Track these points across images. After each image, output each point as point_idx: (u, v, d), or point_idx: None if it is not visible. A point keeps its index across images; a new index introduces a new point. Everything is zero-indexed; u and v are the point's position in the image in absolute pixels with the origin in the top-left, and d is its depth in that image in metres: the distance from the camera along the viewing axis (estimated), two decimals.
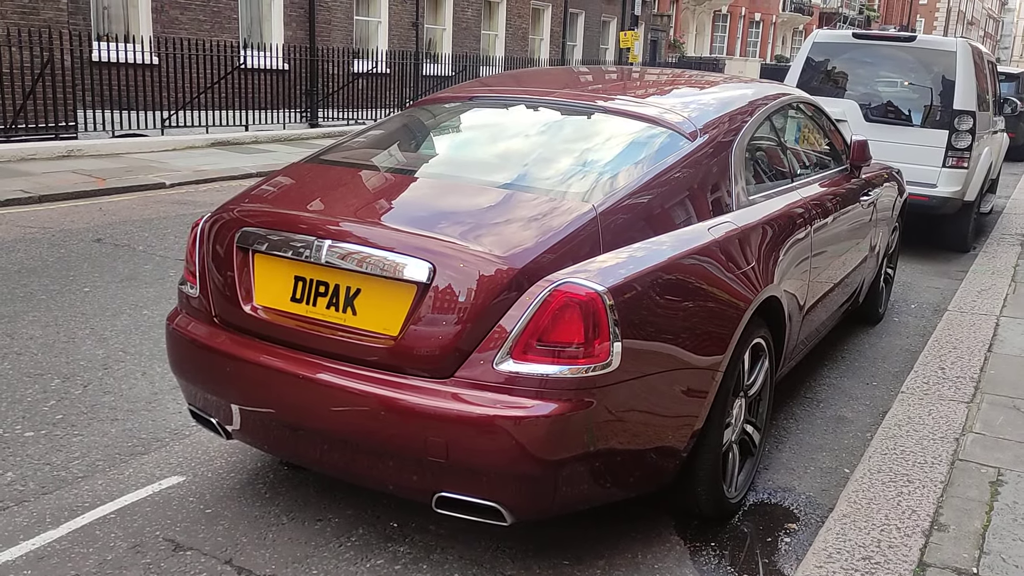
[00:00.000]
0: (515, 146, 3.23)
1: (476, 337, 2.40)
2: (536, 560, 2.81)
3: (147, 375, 4.16)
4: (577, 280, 2.40)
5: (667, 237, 2.78)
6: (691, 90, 3.82)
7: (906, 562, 2.70)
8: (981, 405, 3.99)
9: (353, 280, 2.54)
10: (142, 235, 7.11)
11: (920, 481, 3.23)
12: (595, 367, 2.38)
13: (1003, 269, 6.87)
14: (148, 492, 3.09)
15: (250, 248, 2.72)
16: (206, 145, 12.76)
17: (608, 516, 3.05)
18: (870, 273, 5.08)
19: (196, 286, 2.88)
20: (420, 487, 2.50)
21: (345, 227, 2.60)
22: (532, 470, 2.39)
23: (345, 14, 18.52)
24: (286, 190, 3.00)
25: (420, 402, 2.40)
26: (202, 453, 3.41)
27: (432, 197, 2.87)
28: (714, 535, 3.03)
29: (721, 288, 2.85)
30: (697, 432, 2.81)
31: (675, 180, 2.96)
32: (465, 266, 2.42)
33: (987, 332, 5.12)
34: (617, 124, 3.23)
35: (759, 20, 47.47)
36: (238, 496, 3.11)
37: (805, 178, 3.97)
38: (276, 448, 2.83)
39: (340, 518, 3.00)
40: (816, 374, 4.68)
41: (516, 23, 24.98)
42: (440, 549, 2.84)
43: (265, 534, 2.88)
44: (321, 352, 2.57)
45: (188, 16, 14.77)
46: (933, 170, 7.43)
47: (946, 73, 7.45)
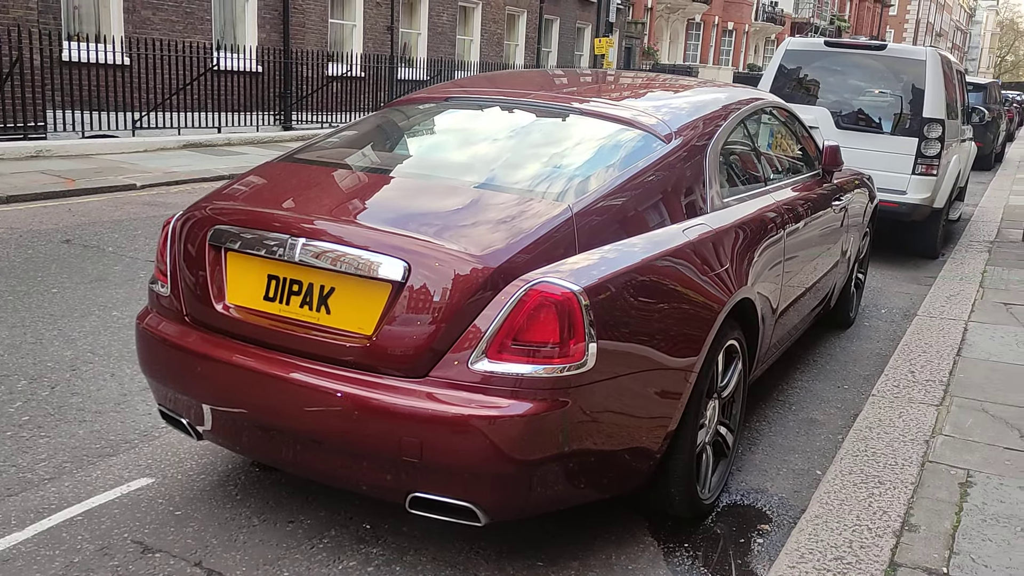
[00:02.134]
0: (490, 147, 3.23)
1: (451, 336, 2.39)
2: (510, 561, 2.80)
3: (116, 376, 4.10)
4: (552, 280, 2.39)
5: (642, 238, 2.79)
6: (666, 93, 3.84)
7: (877, 562, 2.72)
8: (950, 408, 4.03)
9: (327, 279, 2.52)
10: (112, 236, 7.02)
11: (891, 482, 3.26)
12: (570, 367, 2.38)
13: (971, 275, 6.96)
14: (116, 494, 3.04)
15: (222, 246, 2.69)
16: (178, 147, 12.64)
17: (582, 517, 3.05)
18: (841, 278, 5.13)
19: (167, 285, 2.85)
20: (394, 487, 2.48)
21: (319, 225, 2.58)
22: (507, 470, 2.38)
23: (319, 17, 18.43)
24: (259, 188, 2.97)
25: (394, 402, 2.38)
26: (172, 455, 3.36)
27: (407, 196, 2.85)
28: (688, 536, 3.04)
29: (695, 290, 2.86)
30: (671, 433, 2.82)
31: (650, 182, 2.97)
32: (440, 265, 2.41)
33: (956, 336, 5.19)
34: (592, 126, 3.24)
35: (732, 29, 47.91)
36: (208, 498, 3.07)
37: (778, 182, 4.00)
38: (248, 449, 2.79)
39: (312, 520, 2.97)
40: (788, 377, 4.71)
41: (491, 28, 25.02)
42: (414, 551, 2.82)
43: (236, 536, 2.84)
44: (294, 351, 2.54)
45: (160, 17, 14.63)
46: (903, 177, 7.52)
47: (916, 81, 7.56)
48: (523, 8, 26.52)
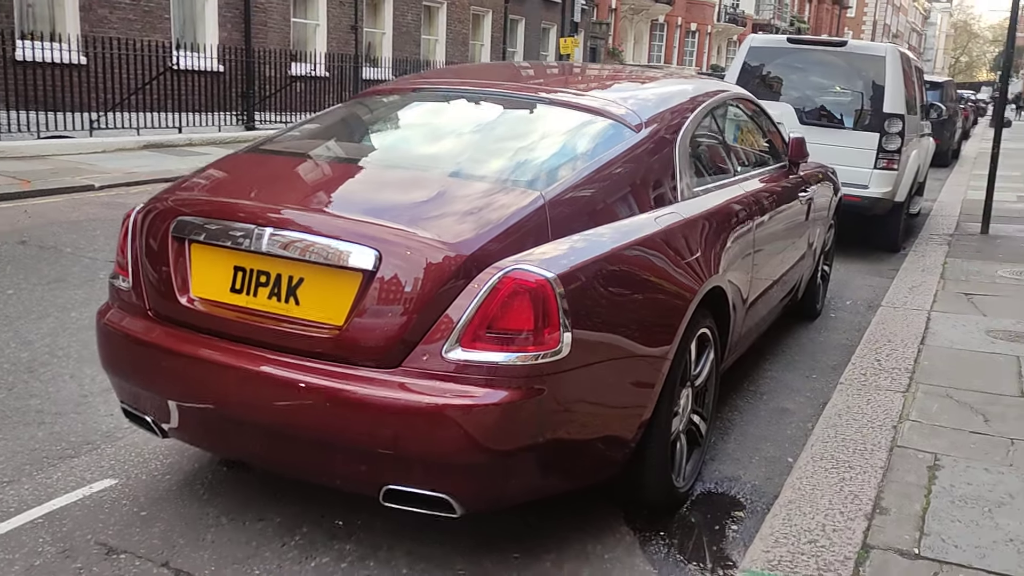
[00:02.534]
0: (460, 137, 3.20)
1: (424, 325, 2.35)
2: (486, 554, 2.77)
3: (75, 378, 3.99)
4: (526, 267, 2.37)
5: (614, 227, 2.77)
6: (633, 84, 3.83)
7: (850, 544, 2.73)
8: (916, 394, 4.08)
9: (296, 269, 2.47)
10: (70, 237, 6.86)
11: (861, 467, 3.28)
12: (545, 354, 2.35)
13: (932, 267, 7.06)
14: (78, 496, 2.96)
15: (186, 238, 2.63)
16: (137, 147, 12.42)
17: (558, 509, 3.03)
18: (808, 269, 5.17)
19: (128, 279, 2.77)
20: (368, 480, 2.44)
21: (287, 215, 2.53)
22: (482, 460, 2.35)
23: (282, 16, 18.24)
24: (223, 179, 2.91)
25: (367, 393, 2.34)
26: (135, 455, 3.29)
27: (377, 185, 2.81)
28: (663, 525, 3.03)
29: (668, 278, 2.86)
30: (645, 422, 2.81)
31: (622, 171, 2.96)
32: (412, 253, 2.37)
33: (919, 326, 5.25)
34: (563, 115, 3.22)
35: (695, 30, 48.31)
36: (175, 498, 3.00)
37: (746, 173, 4.02)
38: (216, 445, 2.73)
39: (282, 517, 2.91)
40: (758, 368, 4.74)
41: (456, 28, 24.96)
42: (387, 546, 2.78)
43: (204, 535, 2.78)
44: (263, 344, 2.49)
45: (117, 15, 14.36)
46: (865, 171, 7.61)
47: (876, 77, 7.65)
48: (488, 8, 26.49)
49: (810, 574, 2.58)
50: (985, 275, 6.74)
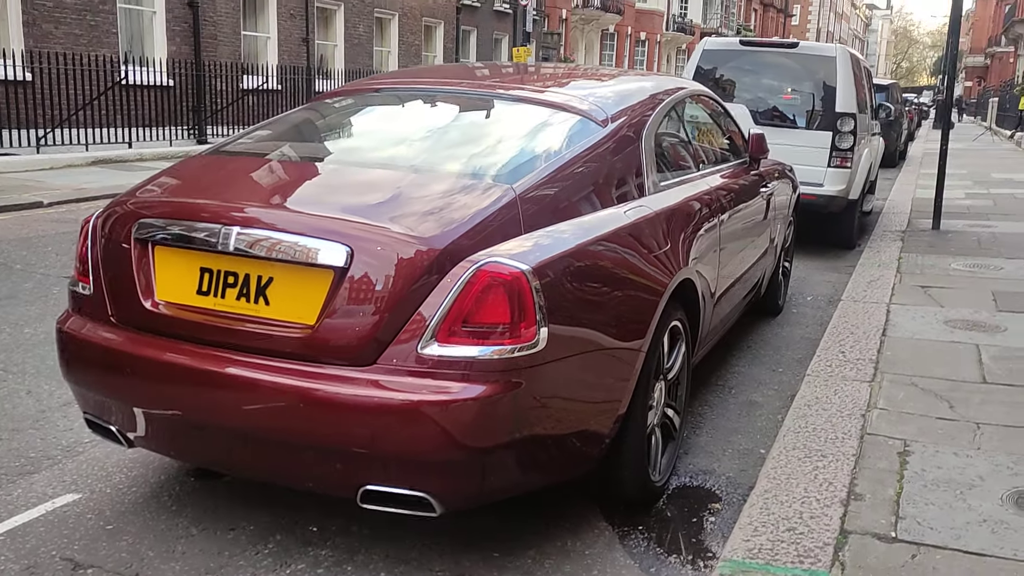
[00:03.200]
0: (427, 133, 3.17)
1: (398, 321, 2.32)
2: (465, 554, 2.73)
3: (32, 393, 3.87)
4: (501, 260, 2.34)
5: (586, 219, 2.76)
6: (594, 82, 3.84)
7: (828, 530, 2.74)
8: (882, 384, 4.13)
9: (264, 268, 2.42)
10: (19, 254, 6.68)
11: (833, 455, 3.30)
12: (522, 347, 2.33)
13: (888, 262, 7.19)
14: (41, 511, 2.85)
15: (149, 241, 2.56)
16: (87, 163, 12.17)
17: (535, 506, 3.00)
18: (771, 265, 5.23)
19: (89, 285, 2.69)
20: (344, 482, 2.38)
21: (253, 213, 2.47)
22: (461, 456, 2.31)
23: (232, 29, 18.04)
24: (185, 181, 2.84)
25: (342, 391, 2.29)
26: (99, 469, 3.18)
27: (345, 183, 2.77)
28: (641, 519, 3.02)
29: (641, 270, 2.85)
30: (621, 416, 2.80)
31: (590, 165, 2.95)
32: (385, 248, 2.33)
33: (880, 318, 5.34)
34: (528, 111, 3.21)
35: (644, 39, 48.88)
36: (141, 510, 2.91)
37: (709, 168, 4.05)
38: (184, 452, 2.66)
39: (255, 525, 2.84)
40: (725, 363, 4.76)
41: (409, 39, 24.92)
42: (364, 550, 2.73)
43: (173, 547, 2.69)
44: (232, 346, 2.43)
45: (63, 30, 14.07)
46: (819, 170, 7.73)
47: (828, 78, 7.79)
48: (440, 19, 26.51)
49: (790, 561, 2.58)
50: (939, 268, 6.88)
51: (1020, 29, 40.79)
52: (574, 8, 39.95)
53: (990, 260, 7.22)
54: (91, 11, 14.55)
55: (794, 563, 2.57)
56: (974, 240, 8.20)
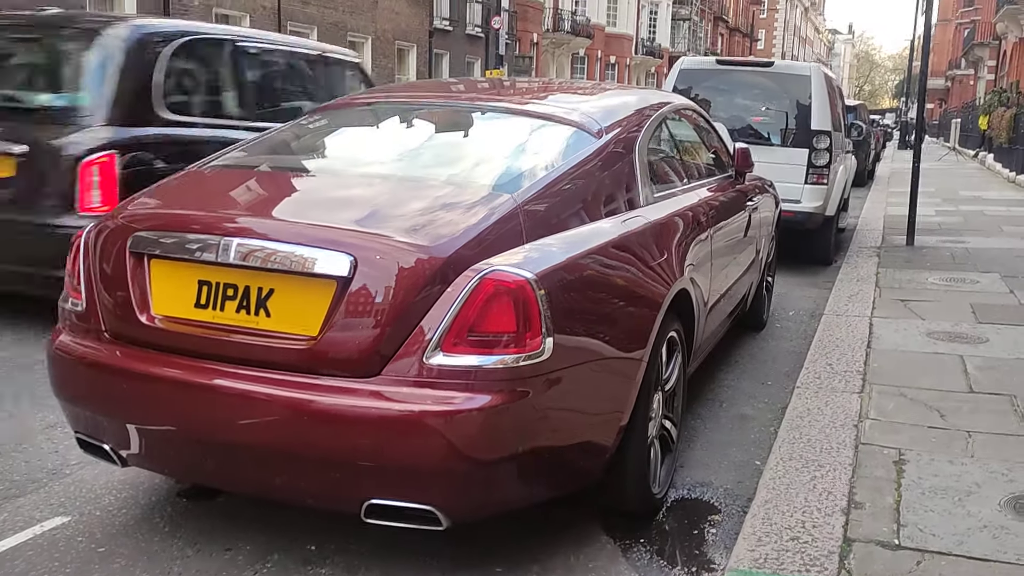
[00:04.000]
0: (425, 145, 3.17)
1: (403, 331, 2.29)
2: (467, 570, 2.69)
3: (14, 416, 3.77)
4: (505, 268, 2.33)
5: (587, 228, 2.76)
6: (585, 95, 3.85)
7: (832, 539, 2.74)
8: (871, 395, 4.16)
9: (265, 280, 2.38)
10: None
11: (830, 465, 3.31)
12: (527, 356, 2.31)
13: (866, 277, 7.27)
14: (29, 535, 2.77)
15: (145, 254, 2.51)
16: None
17: (533, 520, 2.96)
18: (756, 279, 5.26)
19: (82, 301, 2.63)
20: (348, 496, 2.34)
21: (253, 224, 2.44)
22: (468, 467, 2.28)
23: None
24: (181, 193, 2.80)
25: (346, 404, 2.26)
26: (87, 491, 3.10)
27: (345, 194, 2.74)
28: (642, 531, 2.99)
29: (641, 279, 2.86)
30: (623, 427, 2.78)
31: (587, 175, 2.96)
32: (389, 258, 2.31)
33: (864, 331, 5.38)
34: (523, 123, 3.22)
35: (614, 62, 49.45)
36: (133, 532, 2.83)
37: (698, 181, 4.08)
38: (183, 470, 2.60)
39: (251, 545, 2.77)
40: (714, 377, 4.77)
41: (382, 63, 24.99)
42: (364, 568, 2.67)
43: (169, 568, 2.62)
44: (232, 359, 2.38)
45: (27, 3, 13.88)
46: (796, 187, 7.82)
47: (803, 96, 7.90)
48: (412, 43, 26.65)
49: (797, 570, 2.58)
50: (917, 283, 6.97)
51: (980, 52, 41.83)
52: (545, 32, 40.35)
53: (965, 274, 7.33)
54: None
55: (800, 571, 2.56)
56: (948, 255, 8.32)
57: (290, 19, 20.64)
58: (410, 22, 26.21)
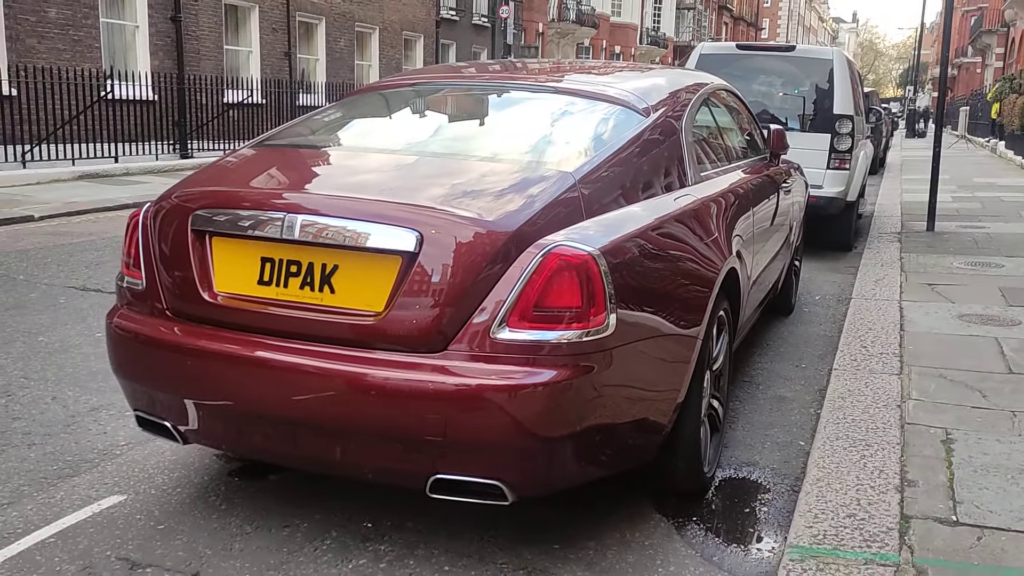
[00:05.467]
0: (479, 124, 3.16)
1: (468, 307, 2.29)
2: (525, 546, 2.69)
3: (58, 399, 3.78)
4: (569, 243, 2.33)
5: (641, 205, 2.76)
6: (630, 74, 3.83)
7: (889, 516, 2.74)
8: (911, 376, 4.15)
9: (329, 256, 2.38)
10: (20, 265, 6.56)
11: (878, 444, 3.31)
12: (592, 332, 2.31)
13: (890, 262, 7.26)
14: (88, 513, 2.78)
15: (207, 232, 2.51)
16: (73, 178, 12.01)
17: (584, 498, 2.97)
18: (787, 261, 5.25)
19: (142, 280, 2.63)
20: (415, 471, 2.34)
21: (318, 201, 2.44)
22: (534, 441, 2.28)
23: (214, 43, 17.93)
24: (239, 172, 2.80)
25: (413, 379, 2.26)
26: (139, 471, 3.11)
27: (407, 171, 2.74)
28: (694, 510, 3.00)
29: (698, 255, 2.85)
30: (679, 405, 2.78)
31: (639, 152, 2.95)
32: (454, 233, 2.31)
33: (894, 314, 5.37)
34: (573, 102, 3.21)
35: (619, 52, 49.26)
36: (190, 510, 2.84)
37: (739, 160, 4.07)
38: (245, 447, 2.60)
39: (308, 523, 2.79)
40: (748, 361, 4.77)
41: (389, 53, 24.92)
42: (423, 544, 2.68)
43: (230, 545, 2.63)
44: (297, 335, 2.38)
45: (46, 45, 13.91)
46: (818, 172, 7.79)
47: (825, 80, 7.86)
48: (419, 33, 26.55)
49: (857, 546, 2.57)
50: (942, 267, 6.95)
51: (987, 39, 41.59)
52: (550, 22, 40.20)
53: (989, 258, 7.31)
54: (74, 26, 14.41)
55: (861, 548, 2.56)
56: (970, 240, 8.30)
57: (299, 10, 20.54)
58: (417, 12, 26.11)
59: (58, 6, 14.08)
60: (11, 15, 13.32)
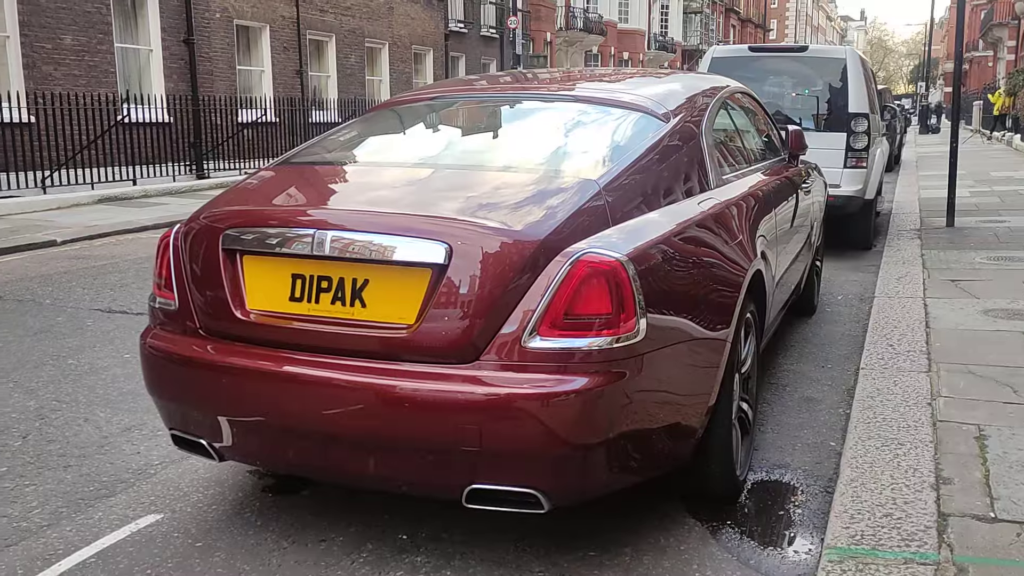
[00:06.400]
0: (499, 135, 3.18)
1: (499, 316, 2.30)
2: (561, 554, 2.69)
3: (90, 421, 3.82)
4: (597, 250, 2.34)
5: (666, 211, 2.76)
6: (644, 80, 3.85)
7: (926, 514, 2.72)
8: (940, 373, 4.12)
9: (360, 271, 2.40)
10: (45, 290, 6.63)
11: (911, 443, 3.29)
12: (623, 337, 2.32)
13: (911, 259, 7.22)
14: (126, 533, 2.81)
15: (238, 251, 2.54)
16: (93, 201, 12.14)
17: (616, 505, 2.97)
18: (808, 262, 5.23)
19: (174, 299, 2.66)
20: (450, 482, 2.35)
21: (346, 217, 2.46)
22: (569, 449, 2.29)
23: (227, 64, 18.11)
24: (267, 190, 2.83)
25: (447, 390, 2.27)
26: (174, 490, 3.14)
27: (430, 184, 2.76)
28: (728, 514, 2.99)
29: (724, 258, 2.86)
30: (711, 408, 2.78)
31: (660, 158, 2.96)
32: (483, 244, 2.32)
33: (919, 312, 5.34)
34: (593, 110, 3.22)
35: (628, 59, 49.30)
36: (227, 527, 2.86)
37: (758, 163, 4.07)
38: (280, 462, 2.62)
39: (344, 536, 2.80)
40: (773, 362, 4.75)
41: (399, 68, 25.06)
42: (460, 555, 2.69)
43: (268, 560, 2.65)
44: (329, 350, 2.40)
45: (62, 71, 14.09)
46: (836, 171, 7.76)
47: (839, 79, 7.85)
48: (428, 47, 26.69)
49: (895, 545, 2.56)
50: (964, 263, 6.91)
51: (999, 33, 41.36)
52: (558, 31, 40.31)
53: (1012, 252, 7.26)
54: (89, 52, 14.59)
55: (900, 547, 2.54)
56: (991, 235, 8.24)
57: (309, 28, 20.72)
58: (425, 26, 26.26)
59: (73, 33, 14.28)
60: (27, 43, 13.52)
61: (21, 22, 13.41)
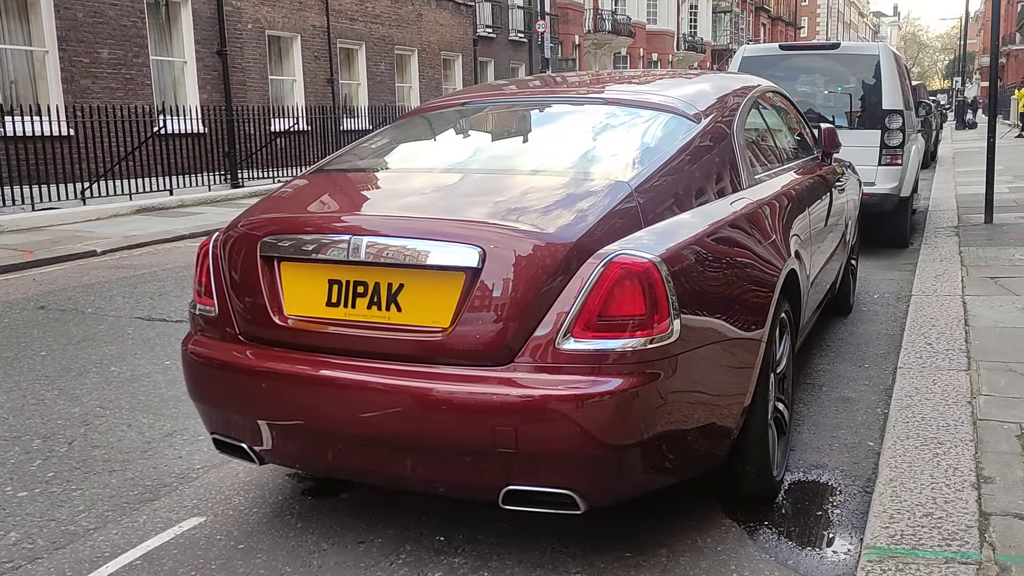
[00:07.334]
0: (530, 139, 3.20)
1: (533, 318, 2.32)
2: (597, 555, 2.70)
3: (133, 427, 3.90)
4: (630, 252, 2.35)
5: (698, 211, 2.77)
6: (675, 81, 3.85)
7: (967, 513, 2.69)
8: (979, 372, 4.07)
9: (394, 276, 2.44)
10: (87, 299, 6.77)
11: (950, 442, 3.25)
12: (657, 339, 2.33)
13: (949, 257, 7.12)
14: (170, 535, 2.87)
15: (275, 257, 2.59)
16: (131, 212, 12.35)
17: (651, 506, 2.97)
18: (843, 261, 5.19)
19: (214, 306, 2.72)
20: (487, 483, 2.38)
21: (380, 222, 2.50)
22: (605, 450, 2.30)
23: (259, 74, 18.34)
24: (301, 198, 2.88)
25: (483, 392, 2.30)
26: (216, 493, 3.20)
27: (462, 189, 2.79)
28: (765, 514, 2.98)
29: (758, 258, 2.85)
30: (746, 409, 2.78)
31: (692, 158, 2.96)
32: (516, 247, 2.35)
33: (958, 310, 5.27)
34: (622, 112, 3.23)
35: (657, 60, 49.15)
36: (268, 529, 2.91)
37: (791, 162, 4.05)
38: (320, 465, 2.66)
39: (382, 538, 2.83)
40: (809, 362, 4.72)
41: (428, 74, 25.21)
42: (496, 556, 2.71)
43: (309, 561, 2.69)
44: (366, 354, 2.44)
45: (100, 84, 14.37)
46: (870, 169, 7.68)
47: (873, 76, 7.77)
48: (457, 52, 26.82)
49: (936, 545, 2.54)
50: (1003, 260, 6.80)
51: None
52: (586, 33, 40.30)
53: None
54: (126, 65, 14.87)
55: (941, 547, 2.52)
56: None
57: (340, 37, 20.92)
58: (454, 32, 26.40)
59: (110, 47, 14.55)
60: (66, 58, 13.81)
61: (59, 37, 13.70)
